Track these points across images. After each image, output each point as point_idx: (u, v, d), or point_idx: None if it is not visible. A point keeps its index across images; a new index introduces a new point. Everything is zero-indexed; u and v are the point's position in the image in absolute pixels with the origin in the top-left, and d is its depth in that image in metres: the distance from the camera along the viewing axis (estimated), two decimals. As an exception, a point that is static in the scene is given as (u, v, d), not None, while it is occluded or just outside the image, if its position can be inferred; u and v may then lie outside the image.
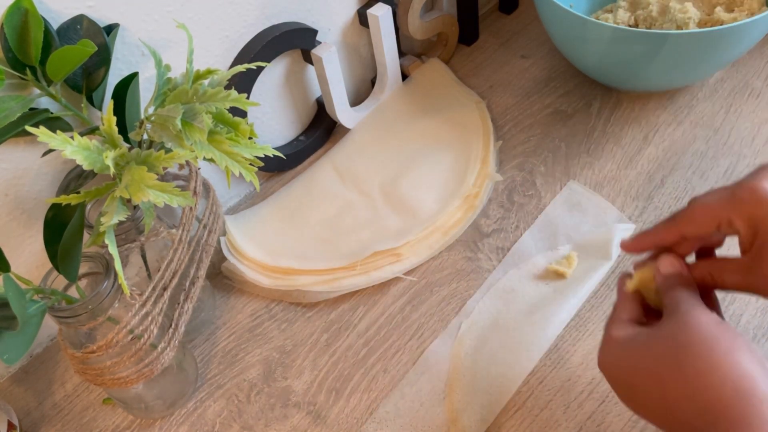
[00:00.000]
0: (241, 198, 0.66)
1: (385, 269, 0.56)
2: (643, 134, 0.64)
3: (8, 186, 0.47)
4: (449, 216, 0.59)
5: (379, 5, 0.62)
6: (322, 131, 0.68)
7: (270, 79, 0.61)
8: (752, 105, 0.64)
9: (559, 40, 0.64)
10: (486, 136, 0.65)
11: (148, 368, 0.44)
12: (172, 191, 0.38)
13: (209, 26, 0.53)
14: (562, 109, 0.68)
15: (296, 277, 0.56)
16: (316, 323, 0.55)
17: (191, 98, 0.40)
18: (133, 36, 0.48)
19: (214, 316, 0.56)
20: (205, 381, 0.52)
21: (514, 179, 0.62)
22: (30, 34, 0.40)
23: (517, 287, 0.54)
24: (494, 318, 0.52)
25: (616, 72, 0.62)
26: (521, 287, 0.54)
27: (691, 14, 0.60)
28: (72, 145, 0.36)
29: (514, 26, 0.79)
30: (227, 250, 0.58)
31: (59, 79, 0.40)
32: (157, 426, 0.50)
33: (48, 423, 0.52)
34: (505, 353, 0.50)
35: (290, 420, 0.49)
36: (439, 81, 0.71)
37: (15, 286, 0.36)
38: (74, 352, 0.42)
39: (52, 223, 0.42)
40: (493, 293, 0.54)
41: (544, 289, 0.53)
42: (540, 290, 0.53)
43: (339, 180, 0.64)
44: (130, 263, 0.48)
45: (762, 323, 0.49)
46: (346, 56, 0.68)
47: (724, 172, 0.59)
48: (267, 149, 0.43)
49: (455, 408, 0.48)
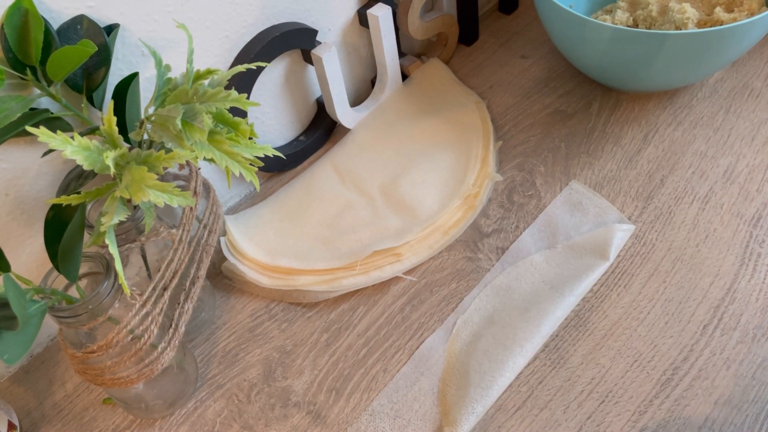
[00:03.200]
0: (241, 198, 0.66)
1: (385, 269, 0.56)
2: (642, 134, 0.64)
3: (8, 186, 0.47)
4: (449, 216, 0.59)
5: (379, 5, 0.62)
6: (322, 131, 0.68)
7: (270, 79, 0.61)
8: (752, 105, 0.64)
9: (559, 40, 0.64)
10: (486, 136, 0.65)
11: (149, 368, 0.44)
12: (172, 191, 0.38)
13: (209, 26, 0.53)
14: (562, 109, 0.68)
15: (296, 277, 0.56)
16: (316, 323, 0.55)
17: (191, 98, 0.40)
18: (133, 36, 0.48)
19: (214, 316, 0.56)
20: (205, 381, 0.52)
21: (514, 179, 0.62)
22: (30, 34, 0.40)
23: (513, 285, 0.54)
24: (489, 314, 0.53)
25: (616, 72, 0.62)
26: (518, 285, 0.54)
27: (690, 15, 0.60)
28: (72, 145, 0.36)
29: (514, 26, 0.79)
30: (227, 250, 0.58)
31: (59, 79, 0.40)
32: (157, 426, 0.50)
33: (48, 423, 0.52)
34: (498, 349, 0.50)
35: (290, 420, 0.49)
36: (439, 81, 0.71)
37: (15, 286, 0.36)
38: (74, 352, 0.42)
39: (52, 223, 0.42)
40: (489, 290, 0.54)
41: (540, 287, 0.53)
42: (536, 288, 0.54)
43: (339, 180, 0.64)
44: (131, 263, 0.48)
45: (762, 323, 0.49)
46: (346, 56, 0.68)
47: (724, 172, 0.59)
48: (267, 149, 0.43)
49: (448, 401, 0.48)
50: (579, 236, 0.56)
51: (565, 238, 0.56)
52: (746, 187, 0.58)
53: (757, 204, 0.56)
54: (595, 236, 0.56)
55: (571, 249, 0.56)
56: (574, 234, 0.57)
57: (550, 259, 0.55)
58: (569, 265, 0.54)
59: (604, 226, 0.56)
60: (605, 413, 0.46)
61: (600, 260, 0.54)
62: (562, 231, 0.57)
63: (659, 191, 0.59)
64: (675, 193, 0.58)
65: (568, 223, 0.58)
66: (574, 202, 0.59)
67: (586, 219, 0.58)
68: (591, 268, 0.54)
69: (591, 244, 0.55)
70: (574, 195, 0.60)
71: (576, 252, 0.55)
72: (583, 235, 0.56)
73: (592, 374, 0.48)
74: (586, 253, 0.55)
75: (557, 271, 0.54)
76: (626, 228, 0.56)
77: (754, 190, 0.57)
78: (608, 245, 0.55)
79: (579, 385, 0.48)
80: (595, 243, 0.55)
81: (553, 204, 0.59)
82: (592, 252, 0.55)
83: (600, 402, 0.47)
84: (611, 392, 0.47)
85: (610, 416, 0.46)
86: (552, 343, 0.50)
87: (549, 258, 0.55)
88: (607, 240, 0.55)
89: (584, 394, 0.48)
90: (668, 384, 0.47)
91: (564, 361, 0.49)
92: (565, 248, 0.56)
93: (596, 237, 0.56)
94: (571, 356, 0.50)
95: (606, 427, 0.46)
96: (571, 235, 0.57)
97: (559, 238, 0.57)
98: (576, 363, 0.49)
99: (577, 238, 0.56)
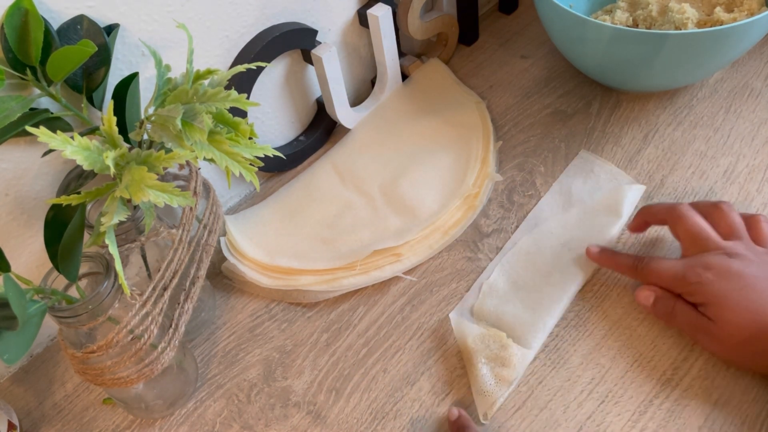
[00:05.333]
0: (241, 198, 0.66)
1: (385, 269, 0.56)
2: (642, 134, 0.64)
3: (8, 186, 0.47)
4: (449, 216, 0.59)
5: (379, 5, 0.62)
6: (322, 131, 0.68)
7: (270, 79, 0.62)
8: (752, 105, 0.64)
9: (558, 40, 0.64)
10: (486, 136, 0.65)
11: (149, 368, 0.44)
12: (172, 191, 0.38)
13: (209, 26, 0.53)
14: (562, 109, 0.68)
15: (296, 277, 0.56)
16: (316, 323, 0.55)
17: (191, 98, 0.40)
18: (133, 36, 0.48)
19: (214, 316, 0.56)
20: (205, 381, 0.52)
21: (514, 179, 0.62)
22: (30, 35, 0.40)
23: (533, 251, 0.56)
24: (513, 279, 0.54)
25: (616, 72, 0.62)
26: (537, 250, 0.56)
27: (689, 15, 0.60)
28: (72, 145, 0.36)
29: (514, 26, 0.79)
30: (227, 250, 0.58)
31: (59, 79, 0.40)
32: (157, 426, 0.50)
33: (48, 423, 0.52)
34: (527, 313, 0.51)
35: (290, 420, 0.49)
36: (439, 81, 0.71)
37: (15, 286, 0.36)
38: (74, 352, 0.42)
39: (52, 223, 0.42)
40: (510, 257, 0.56)
41: (559, 250, 0.55)
42: (556, 251, 0.55)
43: (339, 180, 0.64)
44: (131, 263, 0.48)
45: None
46: (346, 56, 0.68)
47: (724, 172, 0.59)
48: (267, 149, 0.43)
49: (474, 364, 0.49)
50: (592, 200, 0.58)
51: (579, 203, 0.58)
52: (746, 187, 0.58)
53: (757, 204, 0.56)
54: (607, 197, 0.58)
55: (584, 212, 0.57)
56: (587, 198, 0.59)
57: (566, 223, 0.57)
58: (584, 227, 0.56)
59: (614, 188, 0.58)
60: (605, 413, 0.46)
61: (613, 218, 0.56)
62: (576, 196, 0.59)
63: (659, 191, 0.59)
64: (675, 193, 0.58)
65: (581, 189, 0.59)
66: (587, 169, 0.61)
67: (598, 185, 0.59)
68: (606, 226, 0.56)
69: (603, 204, 0.57)
70: (586, 163, 0.62)
71: (589, 214, 0.57)
72: (595, 199, 0.58)
73: (592, 374, 0.48)
74: (600, 214, 0.57)
75: (573, 233, 0.56)
76: (637, 188, 0.57)
77: (754, 190, 0.57)
78: (620, 204, 0.56)
79: (579, 385, 0.48)
80: (607, 203, 0.57)
81: (566, 172, 0.61)
82: (605, 212, 0.57)
83: (600, 402, 0.47)
84: (611, 392, 0.47)
85: (610, 416, 0.46)
86: (552, 343, 0.50)
87: (564, 223, 0.57)
88: (618, 199, 0.57)
89: (584, 394, 0.48)
90: (668, 384, 0.47)
91: (564, 361, 0.49)
92: (579, 212, 0.58)
93: (608, 197, 0.58)
94: (571, 356, 0.50)
95: (606, 427, 0.46)
96: (584, 200, 0.59)
97: (573, 202, 0.59)
98: (576, 363, 0.49)
99: (590, 202, 0.58)
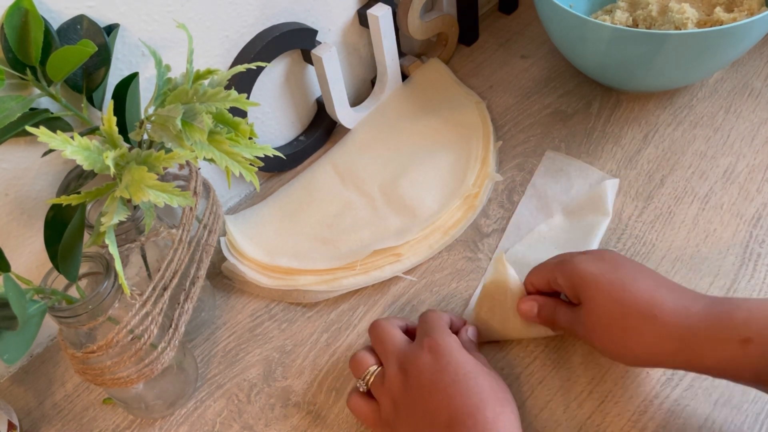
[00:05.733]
0: (241, 198, 0.66)
1: (385, 269, 0.56)
2: (642, 134, 0.64)
3: (8, 186, 0.47)
4: (449, 216, 0.59)
5: (379, 5, 0.62)
6: (322, 131, 0.68)
7: (270, 79, 0.62)
8: (752, 105, 0.64)
9: (558, 40, 0.64)
10: (486, 136, 0.65)
11: (148, 368, 0.44)
12: (172, 191, 0.38)
13: (209, 26, 0.53)
14: (562, 109, 0.68)
15: (296, 277, 0.56)
16: (316, 323, 0.55)
17: (191, 98, 0.40)
18: (133, 36, 0.48)
19: (214, 316, 0.56)
20: (205, 381, 0.52)
21: (514, 179, 0.62)
22: (30, 35, 0.40)
23: (527, 254, 0.56)
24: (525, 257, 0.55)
25: (616, 72, 0.62)
26: (531, 254, 0.56)
27: (689, 15, 0.60)
28: (72, 145, 0.36)
29: (514, 26, 0.79)
30: (227, 250, 0.58)
31: (59, 79, 0.40)
32: (157, 426, 0.50)
33: (48, 423, 0.52)
34: None
35: (290, 420, 0.49)
36: (439, 81, 0.71)
37: (15, 286, 0.36)
38: (74, 352, 0.42)
39: (52, 223, 0.42)
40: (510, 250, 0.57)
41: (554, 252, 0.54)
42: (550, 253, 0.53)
43: (339, 180, 0.64)
44: (131, 263, 0.48)
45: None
46: (346, 56, 0.68)
47: (724, 172, 0.59)
48: (267, 149, 0.43)
49: None
50: (570, 200, 0.59)
51: (558, 204, 0.59)
52: (746, 187, 0.58)
53: (757, 204, 0.56)
54: (589, 197, 0.58)
55: (571, 214, 0.58)
56: (564, 198, 0.59)
57: (556, 226, 0.57)
58: (575, 229, 0.57)
59: (590, 187, 0.59)
60: (605, 413, 0.46)
61: (602, 217, 0.57)
62: (552, 198, 0.59)
63: (659, 191, 0.59)
64: (675, 193, 0.58)
65: (556, 189, 0.60)
66: (555, 169, 0.62)
67: (571, 183, 0.60)
68: (596, 225, 0.56)
69: (588, 205, 0.58)
70: (554, 163, 0.62)
71: (577, 215, 0.57)
72: (575, 199, 0.59)
73: (592, 374, 0.48)
74: (587, 214, 0.57)
75: (566, 236, 0.57)
76: (612, 182, 0.58)
77: (754, 190, 0.57)
78: (604, 202, 0.57)
79: (579, 385, 0.48)
80: (592, 203, 0.58)
81: (537, 174, 0.61)
82: (592, 212, 0.57)
83: (600, 402, 0.47)
84: (611, 392, 0.47)
85: (611, 416, 0.46)
86: (552, 343, 0.50)
87: (554, 226, 0.57)
88: (601, 197, 0.57)
89: (584, 394, 0.48)
90: (668, 384, 0.47)
91: (564, 361, 0.49)
92: (566, 214, 0.58)
93: (591, 197, 0.58)
94: (571, 356, 0.50)
95: (606, 427, 0.46)
96: (563, 200, 0.59)
97: (553, 207, 0.59)
98: (576, 363, 0.49)
99: (571, 203, 0.59)
